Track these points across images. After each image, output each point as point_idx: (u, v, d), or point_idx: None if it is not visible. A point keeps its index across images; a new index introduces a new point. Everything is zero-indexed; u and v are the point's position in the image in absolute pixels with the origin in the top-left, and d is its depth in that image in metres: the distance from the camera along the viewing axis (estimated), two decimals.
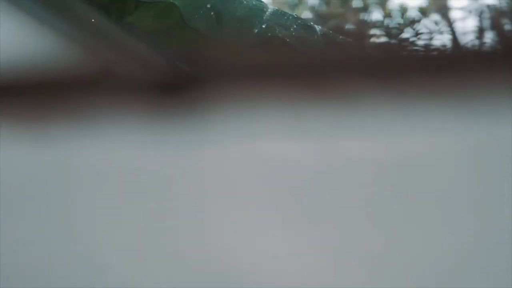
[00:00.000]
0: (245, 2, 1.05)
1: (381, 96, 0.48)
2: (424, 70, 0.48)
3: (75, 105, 0.53)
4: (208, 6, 1.02)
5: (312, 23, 1.09)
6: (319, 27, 1.08)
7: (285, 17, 1.06)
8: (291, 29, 1.03)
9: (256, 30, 1.01)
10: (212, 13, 1.01)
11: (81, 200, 0.53)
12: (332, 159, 0.49)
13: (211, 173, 0.50)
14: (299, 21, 1.07)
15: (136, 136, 0.51)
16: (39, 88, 0.55)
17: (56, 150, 0.53)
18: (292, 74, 0.51)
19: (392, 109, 0.48)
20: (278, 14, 1.06)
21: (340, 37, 1.10)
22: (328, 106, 0.49)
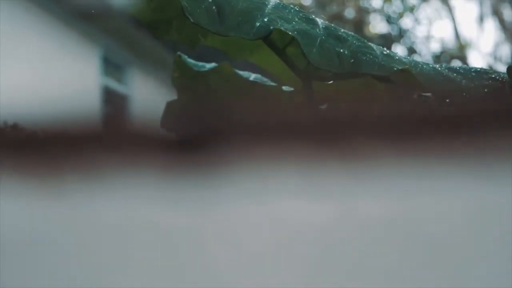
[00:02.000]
0: None
1: (399, 157, 0.48)
2: (440, 131, 0.48)
3: (89, 159, 0.52)
4: (210, 0, 1.01)
5: (314, 16, 1.08)
6: (321, 20, 1.08)
7: (287, 10, 1.06)
8: (293, 22, 1.03)
9: (258, 24, 1.01)
10: (213, 7, 1.01)
11: (95, 257, 0.53)
12: (349, 220, 0.49)
13: (227, 231, 0.50)
14: (301, 14, 1.06)
15: (152, 192, 0.51)
16: (51, 140, 0.55)
17: (68, 206, 0.53)
18: (309, 133, 0.51)
19: (410, 170, 0.48)
20: (280, 7, 1.06)
21: (342, 30, 1.10)
22: (344, 166, 0.49)
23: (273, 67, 1.50)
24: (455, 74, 1.09)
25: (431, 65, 1.09)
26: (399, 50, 14.58)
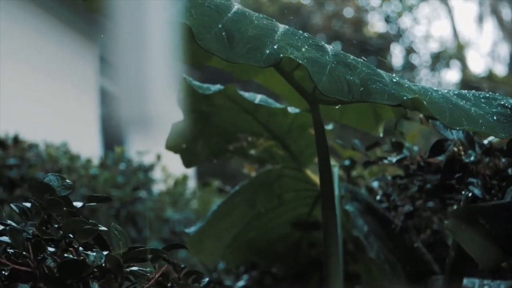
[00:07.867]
0: (256, 22, 1.04)
1: None
2: None
3: None
4: (220, 26, 1.00)
5: (323, 42, 1.08)
6: (331, 46, 1.07)
7: (296, 37, 1.05)
8: (303, 49, 1.02)
9: (268, 51, 1.00)
10: (223, 33, 1.00)
11: None
12: None
13: None
14: (311, 41, 1.06)
15: None
16: None
17: None
18: None
19: None
20: (289, 34, 1.05)
21: (352, 57, 1.09)
22: None
23: (278, 87, 1.50)
24: (464, 101, 1.09)
25: (440, 92, 1.09)
26: (397, 49, 14.59)
